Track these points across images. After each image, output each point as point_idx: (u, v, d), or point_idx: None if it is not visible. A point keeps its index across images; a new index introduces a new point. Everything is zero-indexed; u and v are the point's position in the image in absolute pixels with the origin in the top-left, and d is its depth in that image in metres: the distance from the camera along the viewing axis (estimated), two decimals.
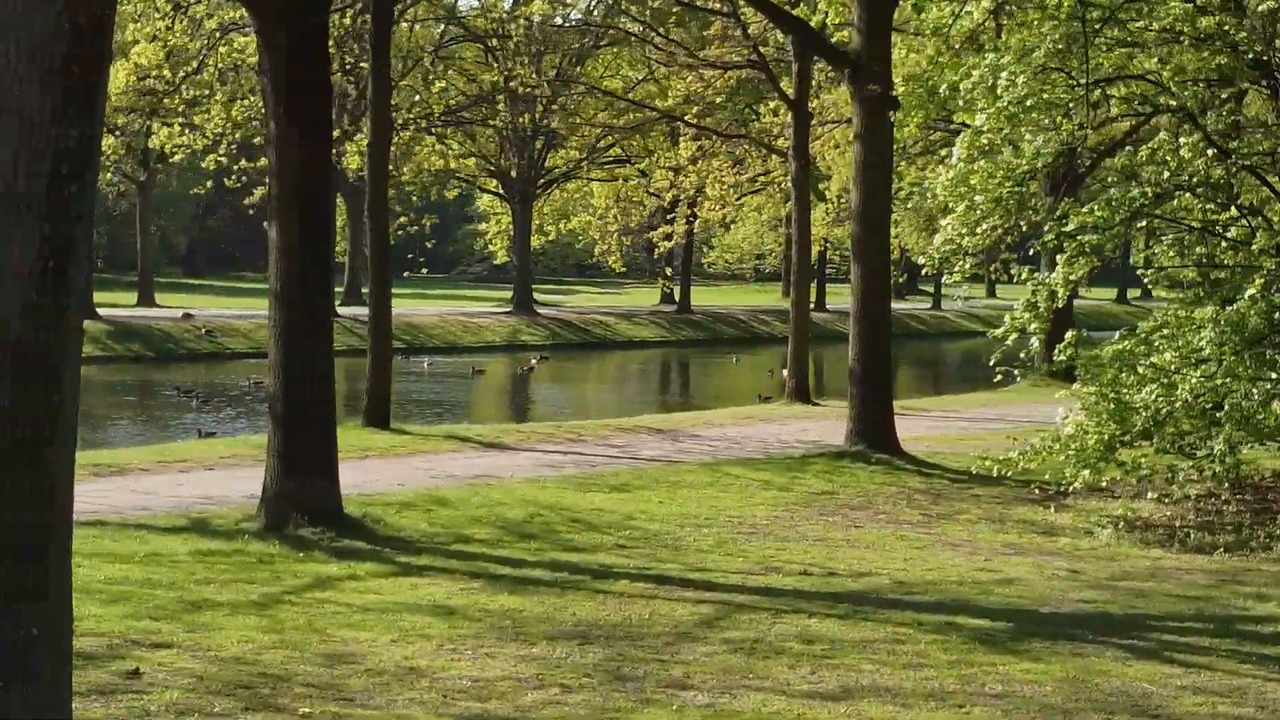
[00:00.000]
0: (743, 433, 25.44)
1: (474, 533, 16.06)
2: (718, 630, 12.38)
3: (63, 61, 5.95)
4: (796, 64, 29.19)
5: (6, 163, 5.94)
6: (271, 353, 15.60)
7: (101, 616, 11.98)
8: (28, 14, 5.89)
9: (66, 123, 5.98)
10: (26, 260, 5.98)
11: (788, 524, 17.44)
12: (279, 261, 15.31)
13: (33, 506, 6.08)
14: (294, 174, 15.18)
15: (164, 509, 16.91)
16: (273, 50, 15.08)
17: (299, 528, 15.14)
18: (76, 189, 6.04)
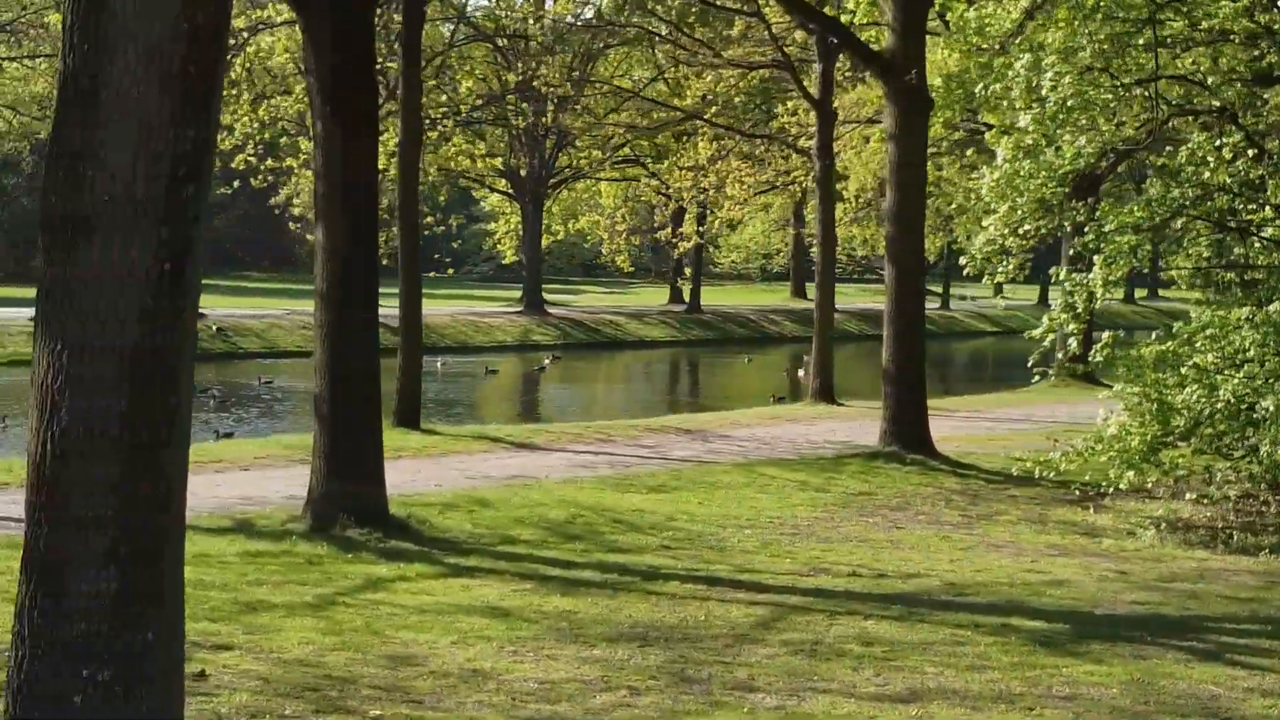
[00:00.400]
0: (771, 433, 25.40)
1: (518, 534, 16.02)
2: (775, 632, 12.34)
3: (180, 64, 5.91)
4: (820, 64, 29.18)
5: (125, 166, 5.90)
6: (317, 354, 15.56)
7: None
8: (146, 17, 5.86)
9: (184, 125, 5.95)
10: (144, 263, 5.94)
11: (829, 525, 17.40)
12: (325, 262, 15.27)
13: (150, 510, 6.05)
14: (340, 173, 15.13)
15: (206, 510, 16.84)
16: (319, 48, 15.03)
17: (346, 529, 15.10)
18: (193, 191, 6.01)
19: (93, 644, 5.97)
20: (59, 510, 6.00)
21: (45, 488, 6.03)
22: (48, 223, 6.03)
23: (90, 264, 5.94)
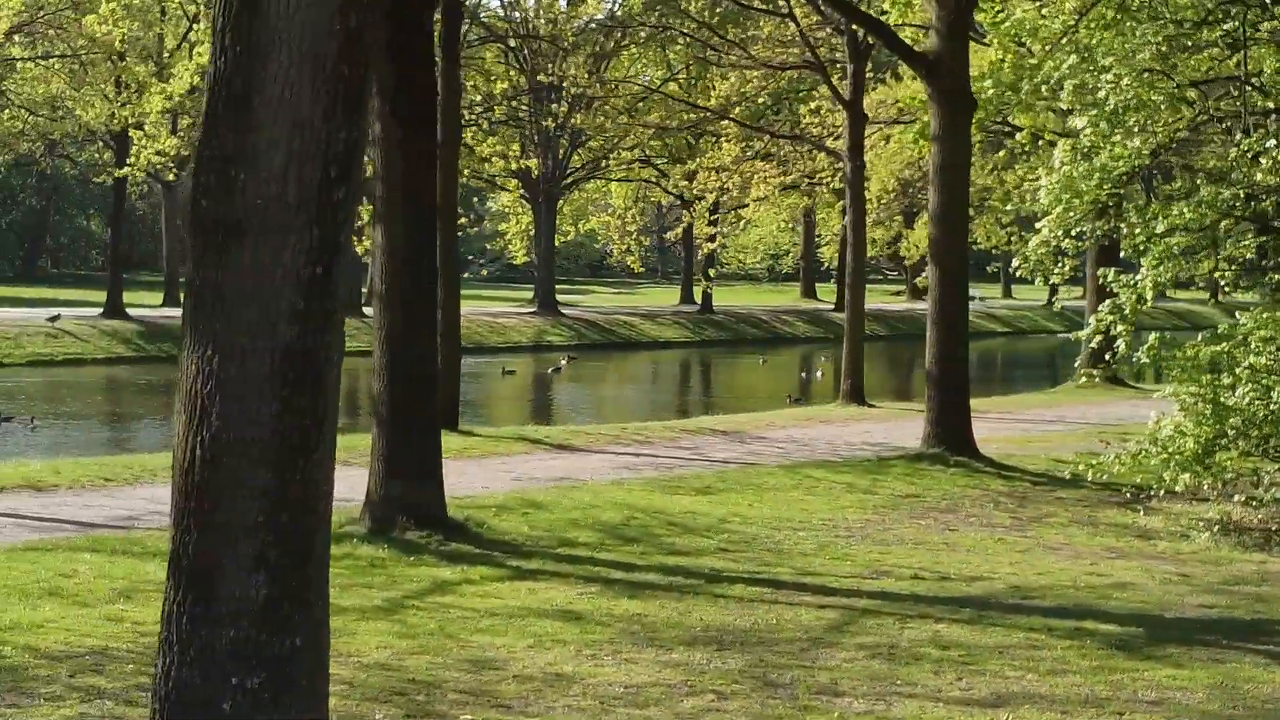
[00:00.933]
0: (807, 434, 25.36)
1: (575, 536, 15.98)
2: (849, 635, 12.30)
3: (334, 65, 5.87)
4: (851, 64, 29.14)
5: (278, 169, 5.86)
6: (376, 356, 15.51)
7: None
8: (300, 19, 5.81)
9: (336, 126, 5.90)
10: (295, 265, 5.90)
11: (881, 527, 17.36)
12: (384, 263, 15.22)
13: (299, 514, 6.00)
14: (400, 174, 15.09)
15: None
16: (379, 48, 14.97)
17: (405, 531, 15.05)
18: (344, 193, 5.96)
19: (242, 650, 5.93)
20: (208, 515, 5.96)
21: (194, 493, 5.98)
22: (198, 226, 5.98)
23: (241, 267, 5.90)
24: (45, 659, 10.68)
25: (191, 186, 6.05)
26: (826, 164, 39.29)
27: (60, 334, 48.59)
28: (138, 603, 12.40)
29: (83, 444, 30.19)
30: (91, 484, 18.29)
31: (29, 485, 17.94)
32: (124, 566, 13.65)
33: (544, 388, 47.33)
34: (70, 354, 47.37)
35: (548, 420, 36.25)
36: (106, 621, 11.74)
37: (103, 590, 12.77)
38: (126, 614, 12.00)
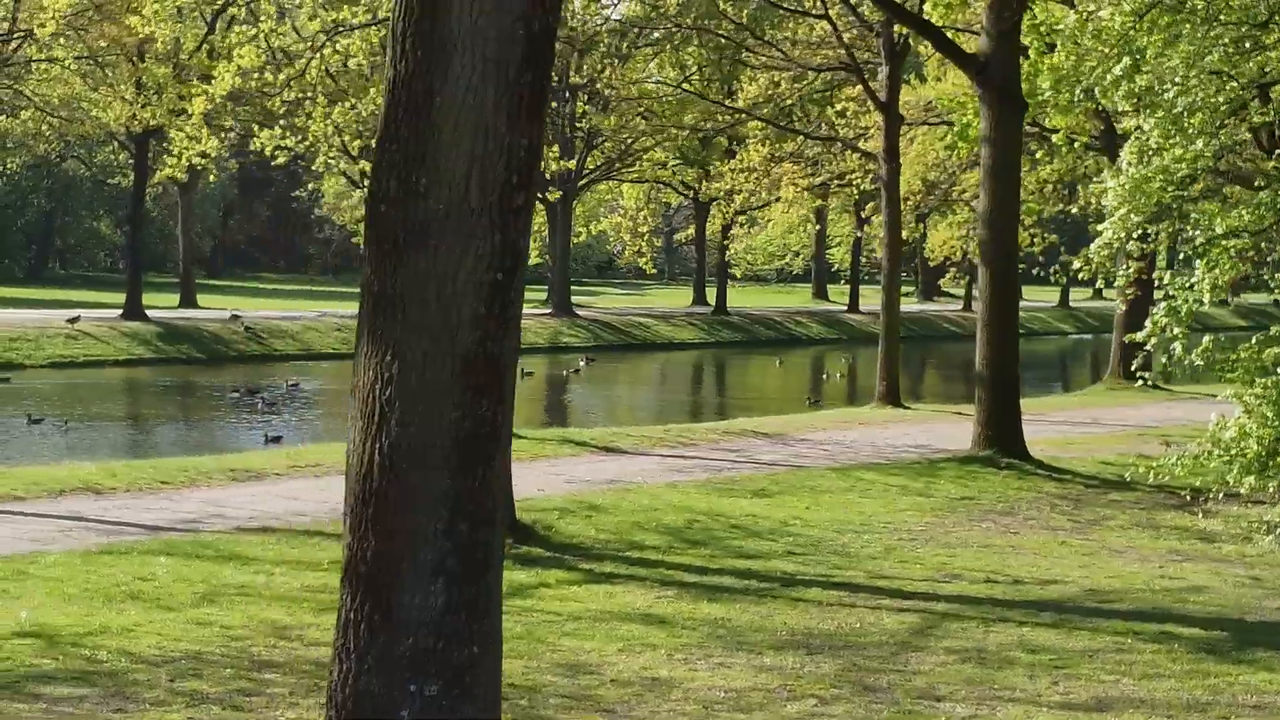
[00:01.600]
0: (848, 437, 25.32)
1: (641, 539, 15.95)
2: (934, 639, 12.28)
3: (517, 70, 5.83)
4: (887, 65, 29.10)
5: (460, 173, 5.82)
6: None
7: (319, 625, 11.88)
8: (484, 22, 5.77)
9: (518, 131, 5.87)
10: (478, 271, 5.86)
11: (943, 530, 17.33)
12: None
13: (477, 522, 5.97)
14: None
15: (322, 515, 16.78)
16: None
17: None
18: (524, 198, 5.93)
19: (421, 658, 5.89)
20: (387, 523, 5.92)
21: (372, 500, 5.94)
22: (378, 231, 5.95)
23: (422, 272, 5.87)
24: (142, 663, 10.66)
25: (369, 191, 6.02)
26: (857, 165, 39.24)
27: (80, 335, 48.50)
28: (221, 606, 12.39)
29: (118, 446, 30.16)
30: (148, 487, 18.25)
31: (87, 488, 17.90)
32: (199, 570, 13.62)
33: (567, 389, 47.27)
34: (91, 356, 47.28)
35: (575, 422, 36.24)
36: (194, 625, 11.72)
37: (184, 594, 12.74)
38: (212, 618, 11.98)
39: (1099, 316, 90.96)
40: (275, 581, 13.33)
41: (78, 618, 11.80)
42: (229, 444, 31.27)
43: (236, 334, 52.18)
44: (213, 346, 50.92)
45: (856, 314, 76.26)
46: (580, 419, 37.66)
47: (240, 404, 38.59)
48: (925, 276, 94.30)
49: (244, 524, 16.06)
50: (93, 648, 10.96)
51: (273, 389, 40.75)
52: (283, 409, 37.97)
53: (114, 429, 33.57)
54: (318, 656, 10.97)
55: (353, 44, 24.96)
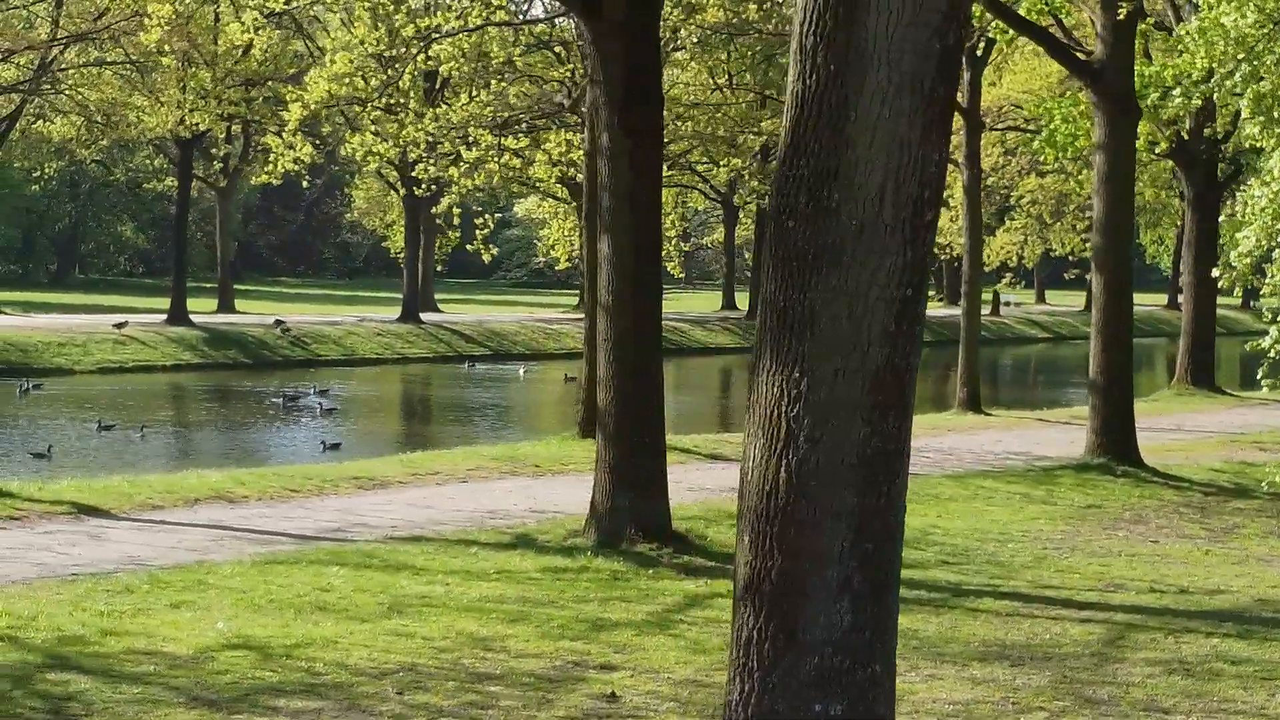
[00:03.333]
0: (942, 444, 25.27)
1: None
2: (1128, 650, 12.21)
3: (931, 83, 5.79)
4: (969, 71, 29.09)
5: (874, 189, 5.78)
6: (601, 367, 15.43)
7: (516, 635, 11.83)
8: (901, 36, 5.73)
9: (930, 145, 5.82)
10: (889, 287, 5.81)
11: (1080, 538, 17.26)
12: (610, 274, 15.14)
13: (882, 540, 5.91)
14: (627, 185, 15.00)
15: (462, 524, 16.76)
16: (609, 61, 14.91)
17: (634, 543, 14.97)
18: (933, 214, 5.89)
19: (826, 678, 5.84)
20: (793, 541, 5.87)
21: (778, 517, 5.89)
22: (785, 248, 5.89)
23: (833, 289, 5.82)
24: (362, 675, 10.60)
25: (774, 207, 5.96)
26: None
27: (127, 341, 48.48)
28: (411, 617, 12.33)
29: (197, 452, 30.12)
30: (278, 495, 18.21)
31: (220, 496, 17.86)
32: (374, 580, 13.56)
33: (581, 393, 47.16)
34: (139, 361, 47.27)
35: None
36: (395, 637, 11.66)
37: (369, 604, 12.69)
38: (409, 629, 11.93)
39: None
40: (454, 592, 13.27)
41: (276, 629, 11.75)
42: (290, 450, 31.26)
43: (280, 339, 52.15)
44: (258, 351, 50.90)
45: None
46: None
47: (296, 409, 38.55)
48: (950, 281, 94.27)
49: (392, 533, 16.01)
50: (307, 660, 10.92)
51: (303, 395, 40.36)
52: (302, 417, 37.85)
53: (185, 435, 33.53)
54: (531, 668, 10.93)
55: (442, 51, 24.95)
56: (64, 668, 10.56)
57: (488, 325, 60.16)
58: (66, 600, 12.50)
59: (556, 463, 21.54)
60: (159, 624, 11.82)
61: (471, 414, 39.95)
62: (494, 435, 31.57)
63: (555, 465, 21.35)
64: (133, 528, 16.03)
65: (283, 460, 27.39)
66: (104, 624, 11.75)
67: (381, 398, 46.13)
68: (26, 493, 17.42)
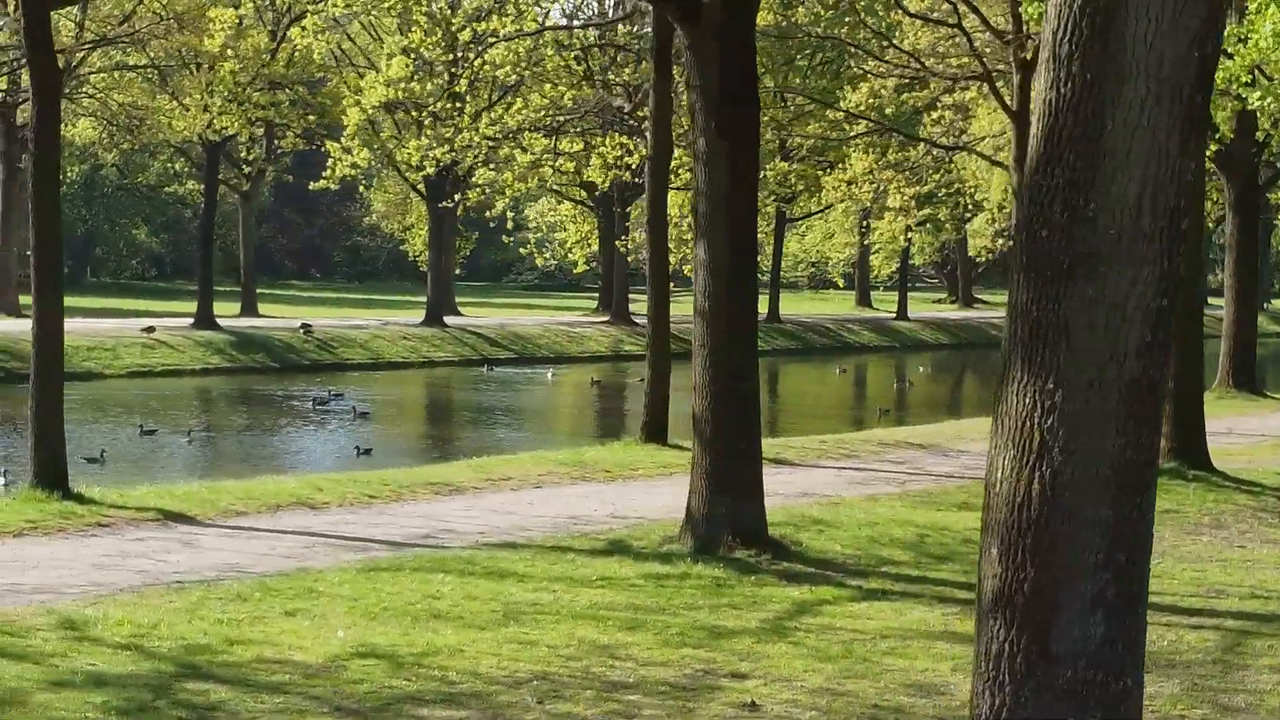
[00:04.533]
0: None
1: (887, 554, 15.84)
2: (1248, 657, 12.17)
3: (1190, 91, 5.75)
4: (1018, 75, 28.98)
5: (1131, 198, 5.73)
6: (696, 372, 15.37)
7: (637, 643, 11.78)
8: (1160, 44, 5.68)
9: (1187, 154, 5.79)
10: (1146, 297, 5.77)
11: (1166, 543, 17.12)
12: (706, 278, 15.09)
13: (1135, 552, 5.88)
14: (723, 189, 14.95)
15: (548, 530, 16.72)
16: (705, 64, 14.86)
17: (732, 550, 14.92)
18: (1187, 223, 5.84)
19: (1079, 691, 5.80)
20: (1047, 553, 5.83)
21: (1031, 530, 5.85)
22: (1037, 258, 5.85)
23: (1090, 299, 5.77)
24: (496, 684, 10.56)
25: (1026, 217, 5.92)
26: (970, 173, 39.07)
27: (156, 345, 48.41)
28: (528, 625, 12.28)
29: (244, 456, 30.08)
30: (358, 501, 18.17)
31: (301, 503, 17.83)
32: (481, 587, 13.50)
33: (634, 398, 47.12)
34: (168, 365, 47.20)
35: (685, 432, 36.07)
36: (518, 645, 11.61)
37: (483, 612, 12.64)
38: (530, 636, 11.88)
39: None
40: (563, 599, 13.21)
41: (397, 637, 11.70)
42: (325, 454, 31.19)
43: (308, 343, 52.09)
44: (285, 355, 50.82)
45: (905, 321, 76.25)
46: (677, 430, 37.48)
47: (326, 411, 38.50)
48: (964, 283, 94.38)
49: (482, 540, 15.95)
50: (438, 668, 10.86)
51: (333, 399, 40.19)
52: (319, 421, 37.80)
53: (227, 439, 33.45)
54: (663, 676, 10.88)
55: (498, 55, 24.92)
56: (198, 676, 10.52)
57: (510, 329, 60.10)
58: (181, 608, 12.45)
59: (625, 468, 21.50)
60: (279, 632, 11.77)
61: (510, 418, 39.90)
62: (541, 440, 31.44)
63: (625, 471, 21.31)
64: (221, 534, 15.98)
65: (320, 466, 27.34)
66: (225, 632, 11.70)
67: (414, 402, 46.08)
68: (109, 499, 17.37)
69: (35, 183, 17.15)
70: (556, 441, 31.23)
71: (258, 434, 35.05)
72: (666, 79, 22.60)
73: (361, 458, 28.72)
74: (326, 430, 35.95)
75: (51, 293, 17.35)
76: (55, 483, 17.09)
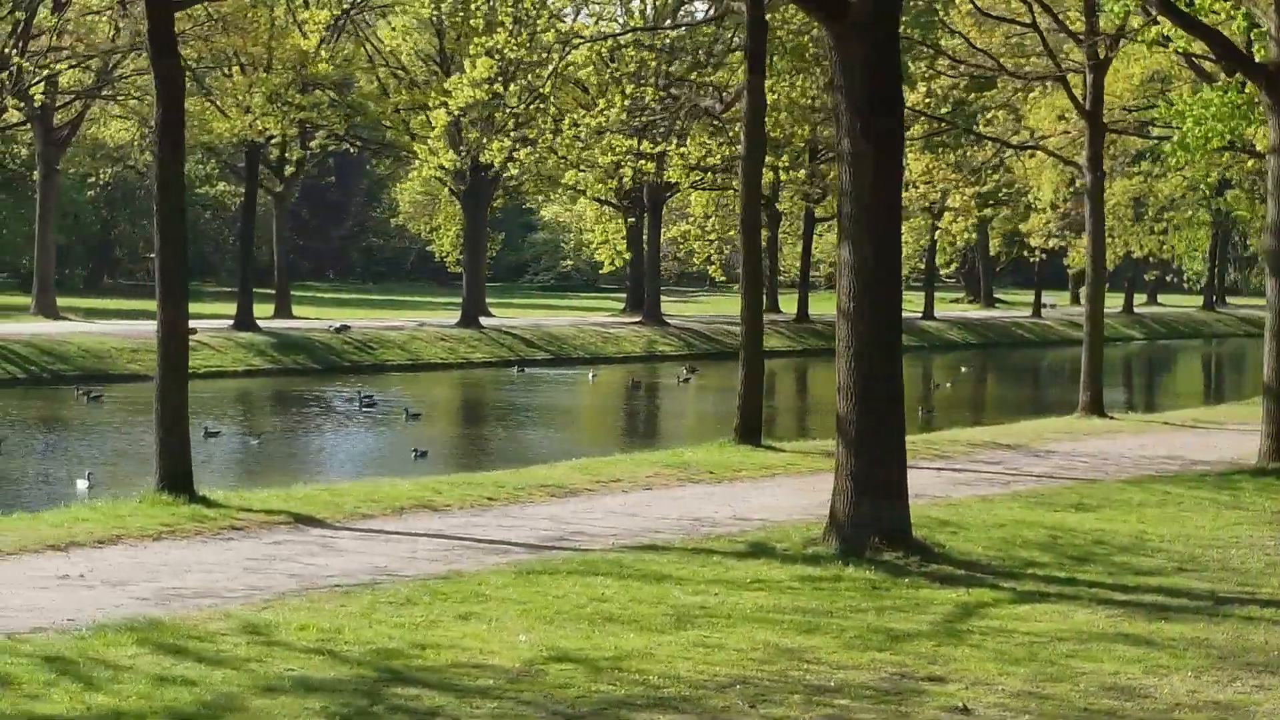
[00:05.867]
0: (1087, 448, 25.23)
1: (1027, 555, 15.77)
2: None
3: None
4: (1091, 75, 29.00)
5: None
6: (840, 373, 15.30)
7: (819, 646, 11.71)
8: None
9: None
10: None
11: None
12: (851, 280, 15.02)
13: None
14: (869, 191, 14.88)
15: (673, 531, 16.71)
16: (850, 64, 14.79)
17: (879, 552, 14.86)
18: None
19: None
20: None
21: None
22: None
23: None
24: (702, 689, 10.49)
25: None
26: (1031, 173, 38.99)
27: (198, 346, 48.28)
28: (702, 627, 12.23)
29: (314, 458, 30.06)
30: (478, 504, 18.13)
31: (422, 505, 17.79)
32: (642, 590, 13.42)
33: (688, 399, 47.13)
34: (210, 366, 47.13)
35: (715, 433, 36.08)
36: (704, 648, 11.55)
37: (652, 615, 12.57)
38: (709, 639, 11.83)
39: (1164, 322, 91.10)
40: (727, 602, 13.13)
41: (580, 641, 11.64)
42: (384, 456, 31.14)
43: (347, 344, 52.06)
44: (325, 357, 50.82)
45: (932, 320, 76.19)
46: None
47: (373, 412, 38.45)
48: (985, 283, 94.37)
49: (618, 542, 15.89)
50: (636, 672, 10.80)
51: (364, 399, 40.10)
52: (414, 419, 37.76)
53: (289, 441, 33.40)
54: (861, 680, 10.81)
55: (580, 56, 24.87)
56: (401, 681, 10.45)
57: (545, 329, 60.06)
58: (355, 612, 12.39)
59: (728, 470, 21.44)
60: (460, 636, 11.71)
61: (564, 420, 39.89)
62: (608, 442, 31.39)
63: (728, 472, 21.25)
64: (356, 537, 15.92)
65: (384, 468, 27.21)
66: (408, 636, 11.64)
67: (461, 403, 46.06)
68: (233, 502, 17.32)
69: (159, 187, 17.08)
70: (622, 443, 31.17)
71: (314, 435, 35.03)
72: (760, 75, 22.52)
73: (419, 460, 28.67)
74: (378, 432, 35.92)
75: (176, 298, 17.30)
76: (181, 486, 17.02)
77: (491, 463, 26.99)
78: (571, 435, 35.92)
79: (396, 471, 24.93)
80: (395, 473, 24.54)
